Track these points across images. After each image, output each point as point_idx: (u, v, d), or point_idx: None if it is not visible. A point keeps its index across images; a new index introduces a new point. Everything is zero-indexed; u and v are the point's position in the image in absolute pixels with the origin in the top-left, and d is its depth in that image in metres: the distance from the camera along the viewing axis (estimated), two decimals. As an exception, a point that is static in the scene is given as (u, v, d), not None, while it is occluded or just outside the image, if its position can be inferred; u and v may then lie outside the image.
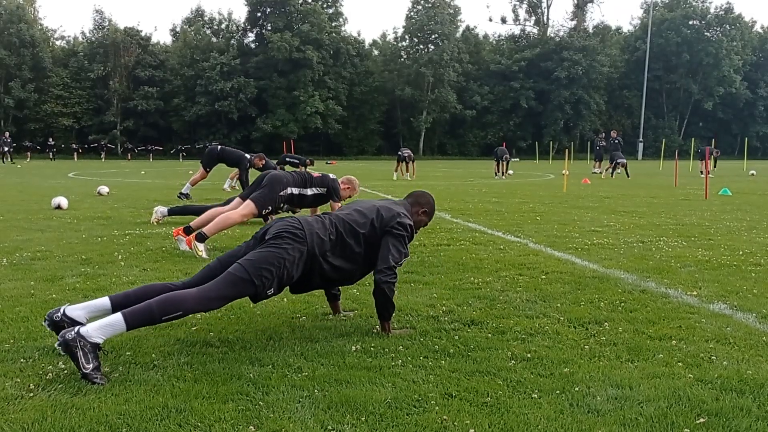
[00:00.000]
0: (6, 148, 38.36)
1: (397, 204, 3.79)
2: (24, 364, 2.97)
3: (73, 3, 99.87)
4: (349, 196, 6.94)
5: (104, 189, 13.24)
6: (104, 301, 3.19)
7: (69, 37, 60.77)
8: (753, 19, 70.42)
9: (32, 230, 7.65)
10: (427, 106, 59.14)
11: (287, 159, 18.28)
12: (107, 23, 56.20)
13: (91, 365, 2.75)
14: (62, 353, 2.84)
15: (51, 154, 43.63)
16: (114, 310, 3.08)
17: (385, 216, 3.61)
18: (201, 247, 5.90)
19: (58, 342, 2.81)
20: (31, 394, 2.63)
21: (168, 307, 2.96)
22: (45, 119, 52.39)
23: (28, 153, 43.65)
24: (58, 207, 10.00)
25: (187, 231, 6.24)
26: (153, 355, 3.13)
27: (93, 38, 56.50)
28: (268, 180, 6.40)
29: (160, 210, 8.32)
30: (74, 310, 3.11)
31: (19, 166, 32.36)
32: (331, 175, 6.86)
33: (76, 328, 2.81)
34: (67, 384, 2.73)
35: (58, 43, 59.56)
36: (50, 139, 45.63)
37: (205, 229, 6.02)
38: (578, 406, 2.57)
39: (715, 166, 22.43)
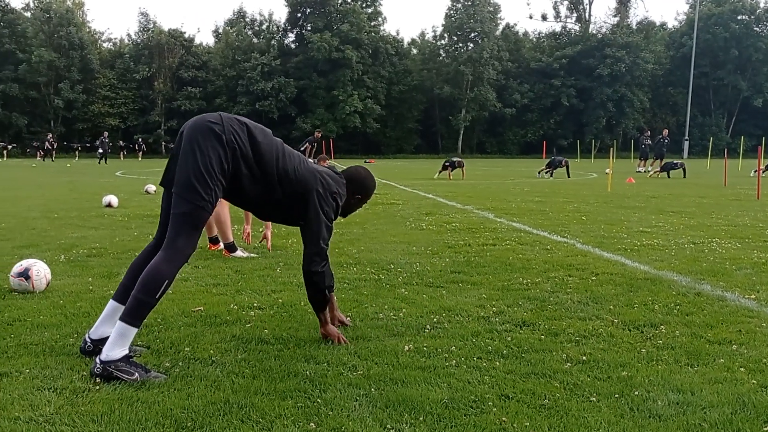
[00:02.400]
0: (48, 147, 39.65)
1: (336, 178, 3.46)
2: (89, 359, 3.05)
3: (119, 6, 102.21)
4: None
5: (151, 188, 13.52)
6: (111, 305, 3.16)
7: (115, 39, 62.33)
8: (805, 13, 67.61)
9: (86, 228, 7.87)
10: (466, 105, 58.80)
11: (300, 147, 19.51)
12: (152, 25, 57.34)
13: (136, 374, 2.78)
14: (105, 382, 2.77)
15: (97, 153, 44.68)
16: (123, 305, 3.02)
17: (319, 177, 3.31)
18: (239, 253, 5.99)
19: (93, 379, 2.78)
20: (98, 388, 2.71)
21: (152, 287, 2.86)
22: (92, 119, 53.71)
23: (77, 152, 44.88)
24: (109, 205, 10.26)
25: (230, 248, 6.15)
26: (211, 351, 3.19)
27: (138, 40, 57.72)
28: None
29: None
30: (96, 331, 3.13)
31: (68, 165, 33.27)
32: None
33: (96, 360, 2.82)
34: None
35: (105, 45, 61.05)
36: (96, 141, 46.83)
37: (222, 239, 6.08)
38: (639, 411, 2.54)
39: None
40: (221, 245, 6.13)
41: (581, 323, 3.76)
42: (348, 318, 3.79)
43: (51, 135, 43.11)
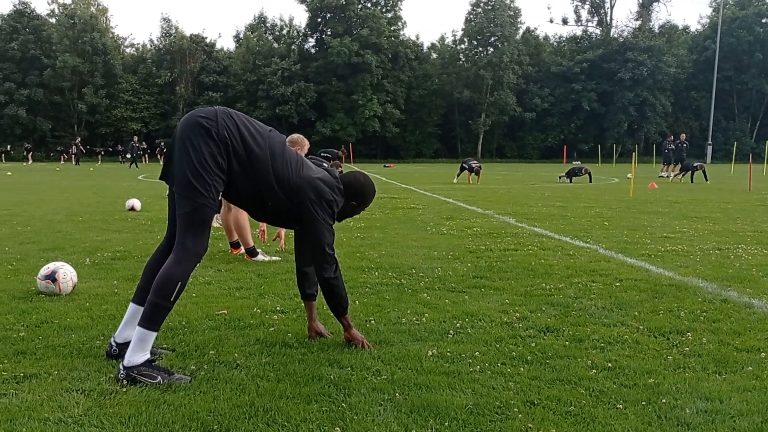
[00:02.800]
0: (77, 151, 40.24)
1: (331, 184, 3.34)
2: (116, 361, 3.08)
3: (142, 11, 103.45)
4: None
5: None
6: (132, 308, 3.18)
7: (138, 44, 62.93)
8: (831, 16, 66.51)
9: (110, 231, 7.96)
10: (485, 109, 58.64)
11: (321, 154, 19.46)
12: (174, 30, 57.97)
13: (159, 377, 2.81)
14: (131, 384, 2.81)
15: (120, 157, 45.25)
16: (143, 306, 3.04)
17: (315, 185, 3.21)
18: (260, 257, 6.02)
19: (119, 384, 2.81)
20: (125, 390, 2.74)
21: (166, 290, 2.88)
22: (115, 124, 54.39)
23: (99, 156, 45.46)
24: (132, 209, 10.37)
25: (250, 253, 6.23)
26: (235, 355, 3.21)
27: (160, 45, 58.36)
28: None
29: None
30: (121, 334, 3.16)
31: (91, 168, 33.67)
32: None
33: (120, 366, 2.86)
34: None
35: (128, 50, 61.76)
36: (119, 146, 47.38)
37: (243, 245, 6.11)
38: (667, 419, 2.51)
39: None
40: (242, 249, 6.17)
41: (606, 329, 3.73)
42: (330, 333, 3.60)
43: (78, 139, 43.71)
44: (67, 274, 4.42)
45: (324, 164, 3.78)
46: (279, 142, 3.19)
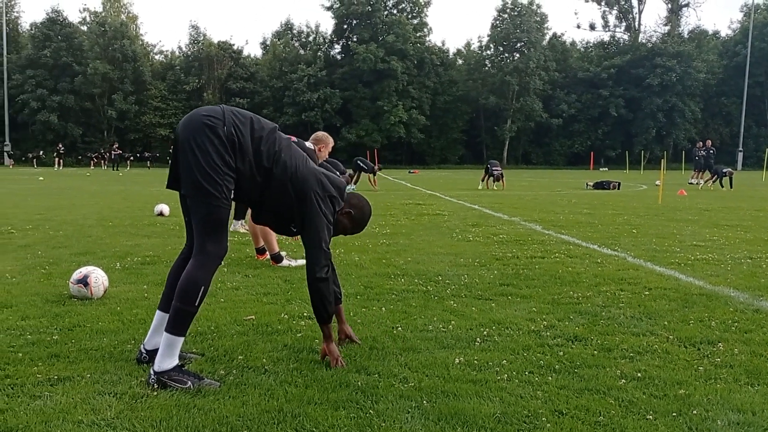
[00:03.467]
0: (115, 156, 41.00)
1: (335, 182, 3.30)
2: (146, 365, 3.13)
3: (171, 19, 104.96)
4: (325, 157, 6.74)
5: (201, 197, 13.79)
6: (159, 315, 3.21)
7: (167, 51, 63.87)
8: None
9: (139, 236, 8.08)
10: (511, 115, 58.42)
11: (358, 162, 20.04)
12: (202, 38, 58.76)
13: (189, 382, 2.84)
14: (162, 388, 2.83)
15: (148, 162, 45.92)
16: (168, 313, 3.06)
17: (320, 179, 3.18)
18: (285, 262, 6.07)
19: (149, 387, 2.84)
20: (156, 393, 2.78)
21: (190, 295, 2.88)
22: (144, 129, 55.23)
23: (128, 161, 46.19)
24: (161, 214, 10.51)
25: (276, 259, 6.27)
26: (263, 360, 3.24)
27: (189, 52, 59.19)
28: None
29: (235, 225, 8.61)
30: (150, 341, 3.19)
31: (120, 174, 34.20)
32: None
33: (150, 371, 2.89)
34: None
35: (157, 57, 62.74)
36: (146, 153, 48.09)
37: (269, 249, 6.15)
38: (698, 431, 2.48)
39: None
40: (268, 255, 6.22)
41: (635, 339, 3.69)
42: (357, 338, 3.59)
43: (116, 144, 44.49)
44: (98, 278, 4.50)
45: (338, 170, 3.77)
46: (285, 138, 3.20)
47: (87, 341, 3.51)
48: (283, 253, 6.21)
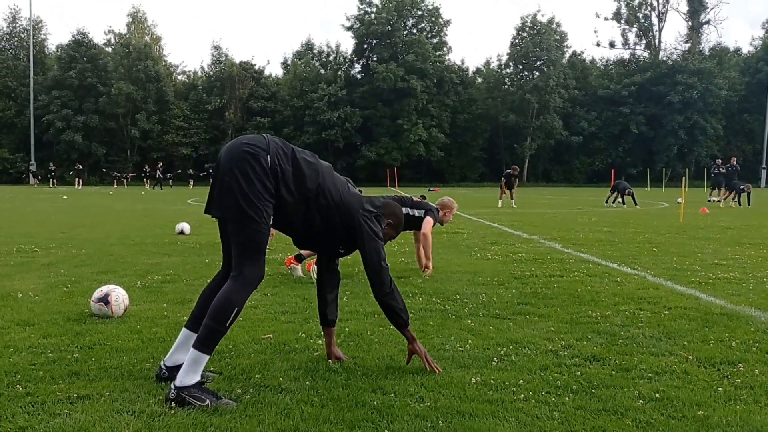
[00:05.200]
0: (160, 176, 41.64)
1: (373, 202, 3.53)
2: (165, 384, 3.16)
3: (194, 40, 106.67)
4: (449, 221, 7.34)
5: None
6: (185, 333, 3.27)
7: (189, 71, 64.75)
8: None
9: (160, 254, 8.17)
10: (531, 133, 58.32)
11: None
12: (224, 58, 59.52)
13: (208, 400, 2.86)
14: (178, 406, 2.86)
15: (170, 181, 46.41)
16: (196, 333, 3.13)
17: (362, 201, 3.40)
18: (299, 272, 6.17)
19: (168, 405, 2.87)
20: (173, 412, 2.80)
21: (222, 315, 2.94)
22: (166, 149, 55.91)
23: (146, 180, 46.73)
24: (181, 232, 10.62)
25: (299, 258, 6.45)
26: (281, 379, 3.26)
27: (211, 72, 59.96)
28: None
29: None
30: (171, 358, 3.23)
31: (143, 192, 34.61)
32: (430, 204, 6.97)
33: (171, 385, 2.91)
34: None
35: (179, 77, 63.63)
36: (167, 174, 48.64)
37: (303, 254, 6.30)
38: (717, 453, 2.45)
39: None
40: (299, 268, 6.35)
41: (654, 359, 3.66)
42: (345, 356, 3.66)
43: (160, 163, 45.11)
44: (119, 296, 4.56)
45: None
46: (327, 165, 3.34)
47: (107, 359, 3.56)
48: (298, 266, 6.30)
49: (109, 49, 59.19)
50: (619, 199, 21.20)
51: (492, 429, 2.66)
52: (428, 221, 6.64)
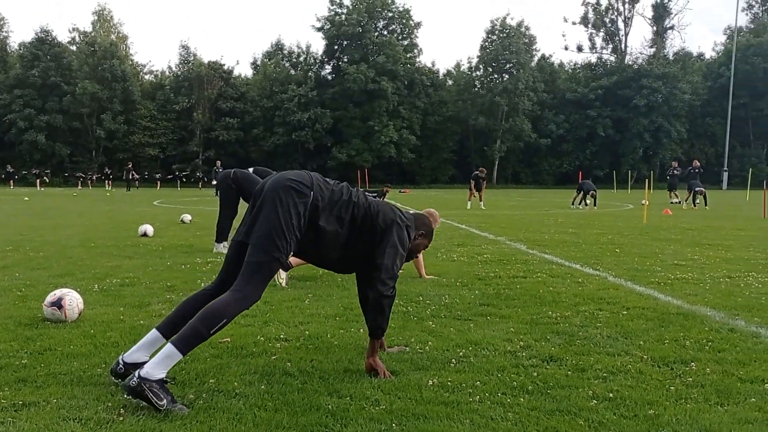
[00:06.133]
0: (131, 177, 40.83)
1: (405, 213, 3.70)
2: (115, 389, 3.09)
3: (161, 39, 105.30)
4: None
5: (187, 217, 13.75)
6: (153, 333, 3.24)
7: (157, 71, 63.94)
8: None
9: (120, 257, 8.03)
10: (501, 135, 58.80)
11: (366, 193, 19.59)
12: (192, 58, 58.88)
13: (164, 401, 2.81)
14: (133, 399, 2.84)
15: (137, 182, 45.69)
16: (165, 337, 3.17)
17: (395, 210, 3.58)
18: (283, 275, 6.03)
19: (125, 391, 2.85)
20: (122, 419, 2.74)
21: (212, 321, 2.98)
22: (133, 149, 55.10)
23: (109, 182, 45.94)
24: (144, 234, 10.46)
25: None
26: (235, 383, 3.22)
27: (179, 72, 59.28)
28: None
29: (218, 247, 8.58)
30: (131, 355, 3.19)
31: (107, 193, 34.05)
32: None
33: (137, 373, 2.86)
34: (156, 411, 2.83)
35: (146, 77, 62.79)
36: (134, 171, 47.81)
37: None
38: (665, 452, 2.48)
39: None
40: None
41: (610, 359, 3.70)
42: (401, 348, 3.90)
43: (130, 164, 44.29)
44: (73, 300, 4.46)
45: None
46: (346, 185, 3.53)
47: (56, 365, 3.47)
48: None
49: (74, 48, 58.11)
50: (586, 201, 21.46)
51: (446, 431, 2.66)
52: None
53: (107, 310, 4.87)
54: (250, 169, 11.82)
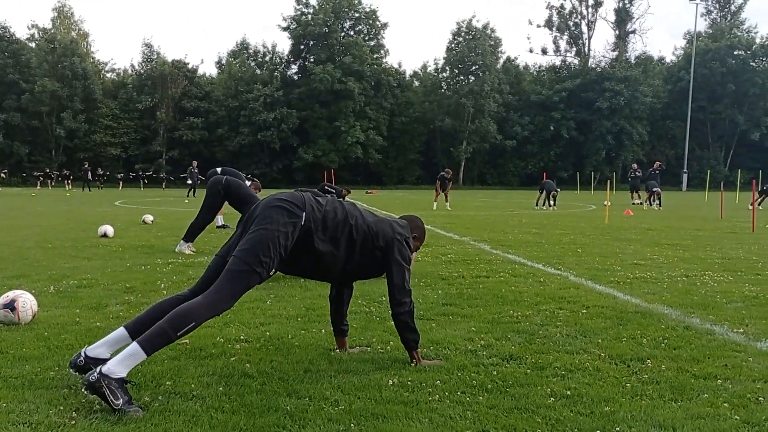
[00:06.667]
0: (90, 177, 39.76)
1: (400, 224, 3.73)
2: (68, 393, 3.02)
3: (124, 37, 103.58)
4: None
5: (149, 217, 13.54)
6: (120, 331, 3.20)
7: (119, 69, 62.87)
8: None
9: (79, 258, 7.86)
10: (467, 137, 59.22)
11: (326, 187, 19.29)
12: (156, 56, 58.03)
13: (121, 400, 2.76)
14: (90, 395, 2.81)
15: (99, 182, 44.88)
16: (132, 337, 3.10)
17: (392, 228, 3.58)
18: None
19: (83, 386, 2.81)
20: (74, 422, 2.68)
21: (180, 323, 2.94)
22: (94, 149, 54.12)
23: (68, 182, 45.01)
24: (104, 235, 10.26)
25: None
26: (192, 385, 3.17)
27: (142, 70, 58.40)
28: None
29: (181, 246, 8.48)
30: (94, 350, 3.14)
31: (67, 194, 33.35)
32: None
33: (98, 369, 2.81)
34: (109, 413, 2.76)
35: (108, 75, 61.74)
36: (98, 169, 46.90)
37: None
38: (619, 448, 2.51)
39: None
40: None
41: (568, 357, 3.74)
42: (360, 348, 3.93)
43: (87, 163, 43.34)
44: (26, 302, 4.34)
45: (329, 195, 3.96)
46: (351, 203, 3.61)
47: (7, 369, 3.37)
48: None
49: (33, 45, 56.81)
50: (549, 201, 21.72)
51: (404, 430, 2.66)
52: None
53: (63, 312, 4.76)
54: (218, 169, 11.77)
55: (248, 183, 11.22)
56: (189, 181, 31.96)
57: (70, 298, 5.33)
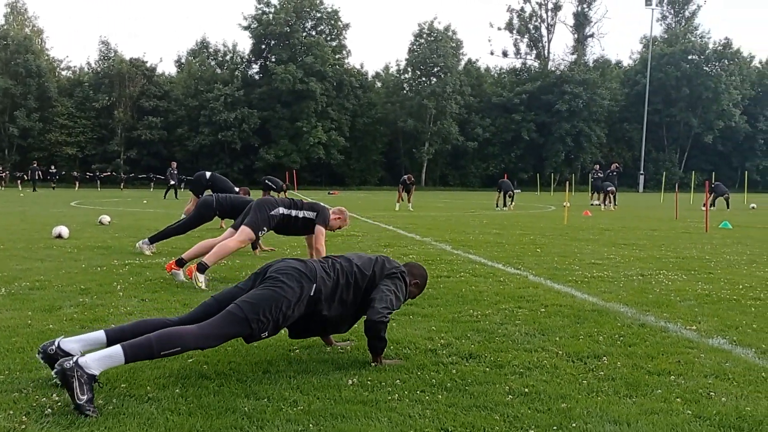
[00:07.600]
0: (38, 177, 38.59)
1: (398, 264, 3.89)
2: (18, 396, 2.94)
3: (79, 34, 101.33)
4: (339, 227, 6.85)
5: (106, 218, 13.26)
6: (99, 334, 3.20)
7: (75, 67, 61.31)
8: (751, 54, 70.16)
9: (32, 259, 7.66)
10: (429, 138, 59.49)
11: (266, 180, 19.81)
12: (113, 54, 56.82)
13: (86, 396, 2.73)
14: (59, 382, 2.80)
15: (52, 182, 43.75)
16: (109, 343, 3.09)
17: (387, 264, 3.77)
18: (201, 278, 5.89)
19: (55, 370, 2.80)
20: (24, 427, 2.61)
21: (167, 343, 2.99)
22: (49, 148, 52.74)
23: (20, 182, 43.80)
24: (59, 236, 10.00)
25: (180, 263, 6.21)
26: (148, 388, 3.11)
27: (98, 69, 57.09)
28: (257, 203, 6.44)
29: (142, 244, 8.34)
30: (69, 343, 3.10)
31: (21, 194, 32.45)
32: (323, 204, 6.86)
33: (75, 358, 2.79)
34: (60, 417, 2.71)
35: (64, 73, 60.25)
36: (52, 167, 45.72)
37: (205, 259, 6.01)
38: (575, 443, 2.54)
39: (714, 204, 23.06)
40: (182, 269, 6.09)
41: (527, 355, 3.78)
42: (348, 343, 4.05)
43: (35, 163, 42.15)
44: (-25, 304, 4.21)
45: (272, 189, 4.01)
46: (347, 262, 3.70)
47: (-46, 373, 3.27)
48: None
49: (-16, 41, 55.14)
50: (506, 200, 21.98)
51: (363, 430, 2.65)
52: (320, 232, 6.53)
53: (13, 315, 4.63)
54: (207, 174, 11.57)
55: (237, 190, 11.14)
56: (171, 182, 31.23)
57: (22, 300, 5.18)
